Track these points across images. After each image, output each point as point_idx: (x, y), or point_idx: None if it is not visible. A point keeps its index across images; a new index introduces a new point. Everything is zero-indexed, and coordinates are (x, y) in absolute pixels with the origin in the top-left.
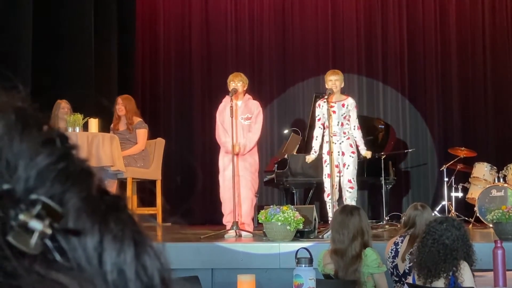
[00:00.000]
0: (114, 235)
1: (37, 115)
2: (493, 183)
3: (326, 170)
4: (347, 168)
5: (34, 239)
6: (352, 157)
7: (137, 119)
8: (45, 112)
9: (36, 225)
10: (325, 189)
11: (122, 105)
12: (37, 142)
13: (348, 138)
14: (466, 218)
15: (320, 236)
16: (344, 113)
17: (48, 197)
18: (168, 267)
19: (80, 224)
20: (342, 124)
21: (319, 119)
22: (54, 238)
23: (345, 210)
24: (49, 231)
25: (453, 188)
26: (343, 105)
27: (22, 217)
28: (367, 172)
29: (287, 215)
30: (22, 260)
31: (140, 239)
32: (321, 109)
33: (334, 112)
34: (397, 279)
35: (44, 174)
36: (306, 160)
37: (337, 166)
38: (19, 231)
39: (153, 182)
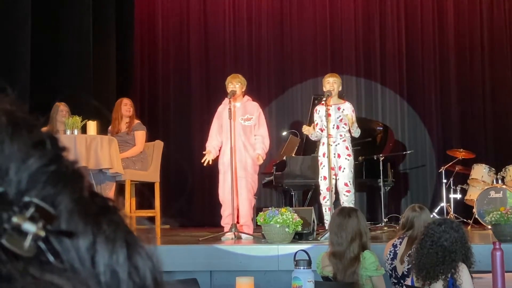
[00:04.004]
0: (106, 237)
1: (26, 117)
2: (492, 185)
3: (323, 172)
4: (343, 171)
5: (28, 241)
6: (348, 159)
7: (136, 121)
8: (43, 114)
9: (29, 227)
10: (321, 192)
11: (131, 106)
12: (28, 145)
13: (344, 140)
14: (465, 220)
15: (319, 238)
16: (339, 116)
17: (40, 199)
18: (160, 268)
19: (73, 225)
20: (338, 127)
21: (316, 124)
22: (47, 240)
23: (343, 212)
24: (42, 233)
25: (452, 189)
26: (338, 109)
27: (15, 219)
28: (365, 174)
29: (286, 217)
30: (17, 263)
31: (132, 240)
32: (318, 114)
33: (330, 115)
34: (395, 281)
35: (35, 176)
36: (303, 129)
37: (332, 169)
38: (12, 233)
39: (152, 185)
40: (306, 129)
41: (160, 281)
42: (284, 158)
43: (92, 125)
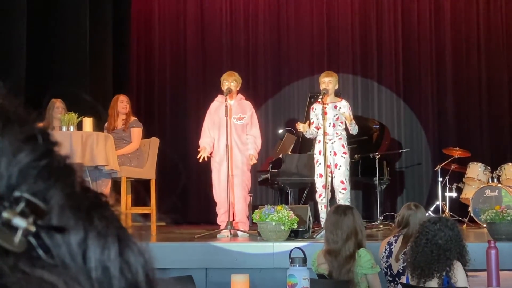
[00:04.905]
0: (98, 232)
1: (18, 111)
2: (487, 183)
3: (318, 170)
4: (339, 169)
5: (18, 236)
6: (344, 157)
7: (132, 118)
8: (39, 111)
9: (20, 222)
10: (316, 189)
11: (128, 103)
12: (19, 139)
13: (340, 138)
14: (460, 218)
15: (315, 236)
16: (336, 115)
17: (31, 194)
18: (152, 264)
19: (64, 220)
20: (334, 125)
21: (312, 122)
22: (38, 235)
23: (338, 210)
24: (33, 229)
25: (447, 188)
26: (335, 107)
27: (5, 214)
28: (361, 172)
29: (282, 215)
30: (7, 258)
31: (124, 236)
32: (314, 112)
33: (326, 113)
34: (391, 279)
35: (26, 171)
36: (297, 125)
37: (328, 167)
38: (2, 229)
39: (148, 182)
40: (300, 126)
41: (152, 277)
42: (280, 155)
43: (88, 122)
